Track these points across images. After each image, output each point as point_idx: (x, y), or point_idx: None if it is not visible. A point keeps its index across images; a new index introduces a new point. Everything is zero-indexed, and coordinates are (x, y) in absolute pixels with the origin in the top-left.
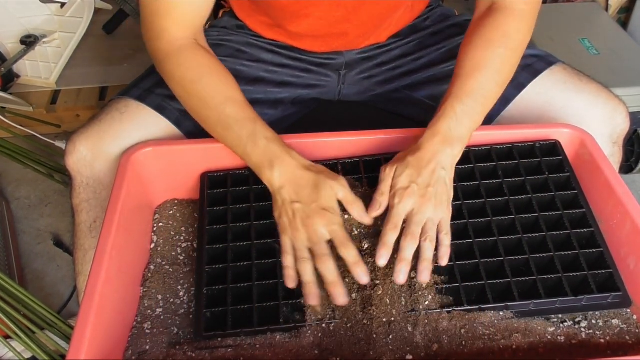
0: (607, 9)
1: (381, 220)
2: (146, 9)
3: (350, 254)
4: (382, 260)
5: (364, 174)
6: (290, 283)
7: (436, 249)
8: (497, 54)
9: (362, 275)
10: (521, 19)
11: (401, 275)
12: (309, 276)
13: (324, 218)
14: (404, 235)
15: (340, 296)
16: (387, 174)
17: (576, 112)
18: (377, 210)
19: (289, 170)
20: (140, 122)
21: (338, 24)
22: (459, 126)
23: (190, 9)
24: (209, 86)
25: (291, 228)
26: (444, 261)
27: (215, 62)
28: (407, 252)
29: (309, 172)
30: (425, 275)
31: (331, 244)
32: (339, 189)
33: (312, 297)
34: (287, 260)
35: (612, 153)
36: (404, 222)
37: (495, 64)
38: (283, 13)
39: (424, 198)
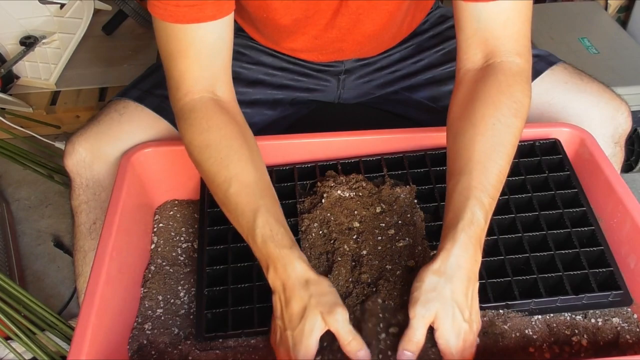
0: (606, 8)
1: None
2: (162, 51)
3: None
4: None
5: (364, 174)
6: None
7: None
8: (510, 127)
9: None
10: (523, 77)
11: None
12: None
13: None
14: None
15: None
16: None
17: (577, 112)
18: None
19: (282, 279)
20: (139, 124)
21: (332, 43)
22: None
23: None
24: (213, 158)
25: (279, 341)
26: None
27: (225, 128)
28: None
29: (302, 291)
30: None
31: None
32: (332, 323)
33: None
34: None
35: (614, 153)
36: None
37: (511, 142)
38: (275, 30)
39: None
